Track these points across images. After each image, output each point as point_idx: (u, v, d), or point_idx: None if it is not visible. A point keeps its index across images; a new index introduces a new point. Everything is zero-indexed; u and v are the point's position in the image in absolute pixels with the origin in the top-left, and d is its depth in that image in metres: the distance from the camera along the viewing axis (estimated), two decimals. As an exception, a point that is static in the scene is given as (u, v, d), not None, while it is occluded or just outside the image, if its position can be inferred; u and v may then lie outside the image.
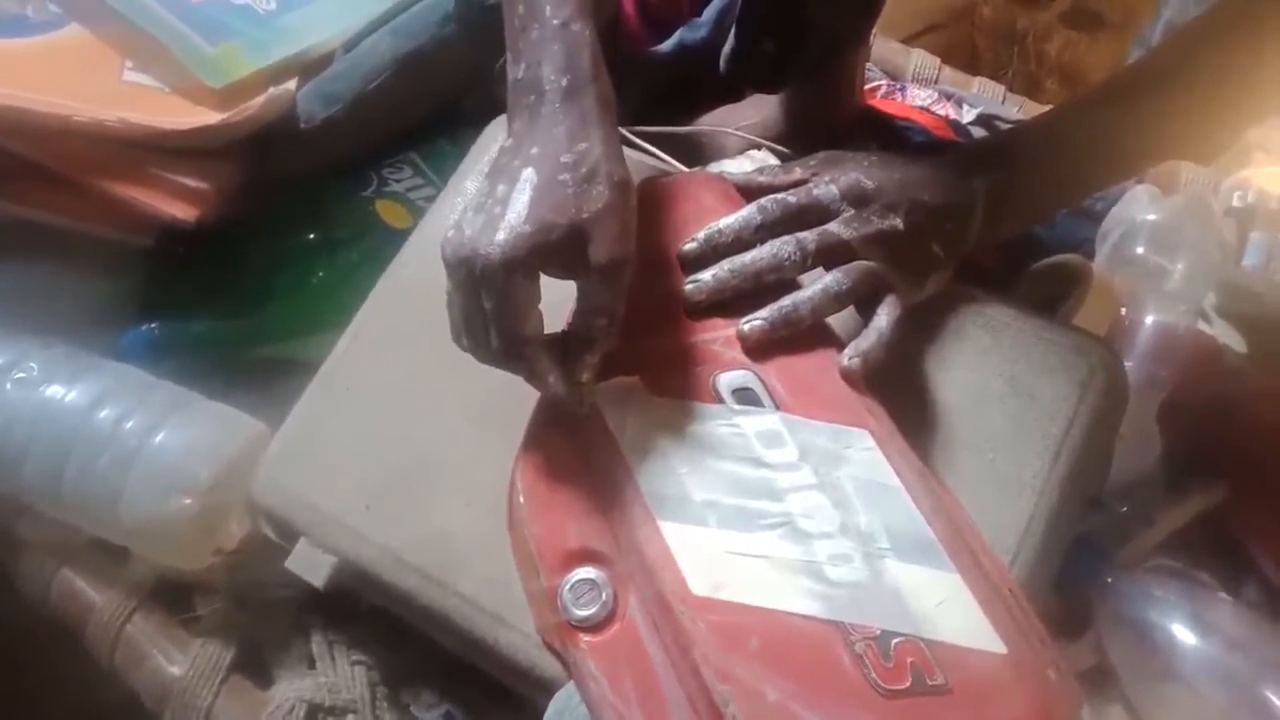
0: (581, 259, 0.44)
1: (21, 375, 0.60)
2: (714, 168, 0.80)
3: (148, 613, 0.62)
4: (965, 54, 1.49)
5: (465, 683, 0.59)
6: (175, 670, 0.60)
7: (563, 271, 0.45)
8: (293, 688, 0.60)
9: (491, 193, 0.45)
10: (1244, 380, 0.70)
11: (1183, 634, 0.55)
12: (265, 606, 0.63)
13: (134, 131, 0.63)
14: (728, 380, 0.49)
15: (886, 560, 0.44)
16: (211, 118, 0.64)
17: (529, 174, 0.44)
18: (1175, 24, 0.48)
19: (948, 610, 0.43)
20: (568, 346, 0.47)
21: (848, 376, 0.50)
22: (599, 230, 0.44)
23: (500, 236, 0.43)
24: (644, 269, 0.53)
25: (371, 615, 0.60)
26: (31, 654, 0.70)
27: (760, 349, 0.50)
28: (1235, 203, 0.81)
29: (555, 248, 0.43)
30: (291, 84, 0.69)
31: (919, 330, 0.55)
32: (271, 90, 0.67)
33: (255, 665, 0.62)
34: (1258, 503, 0.62)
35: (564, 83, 0.46)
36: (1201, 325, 0.75)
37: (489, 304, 0.44)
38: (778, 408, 0.48)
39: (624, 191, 0.45)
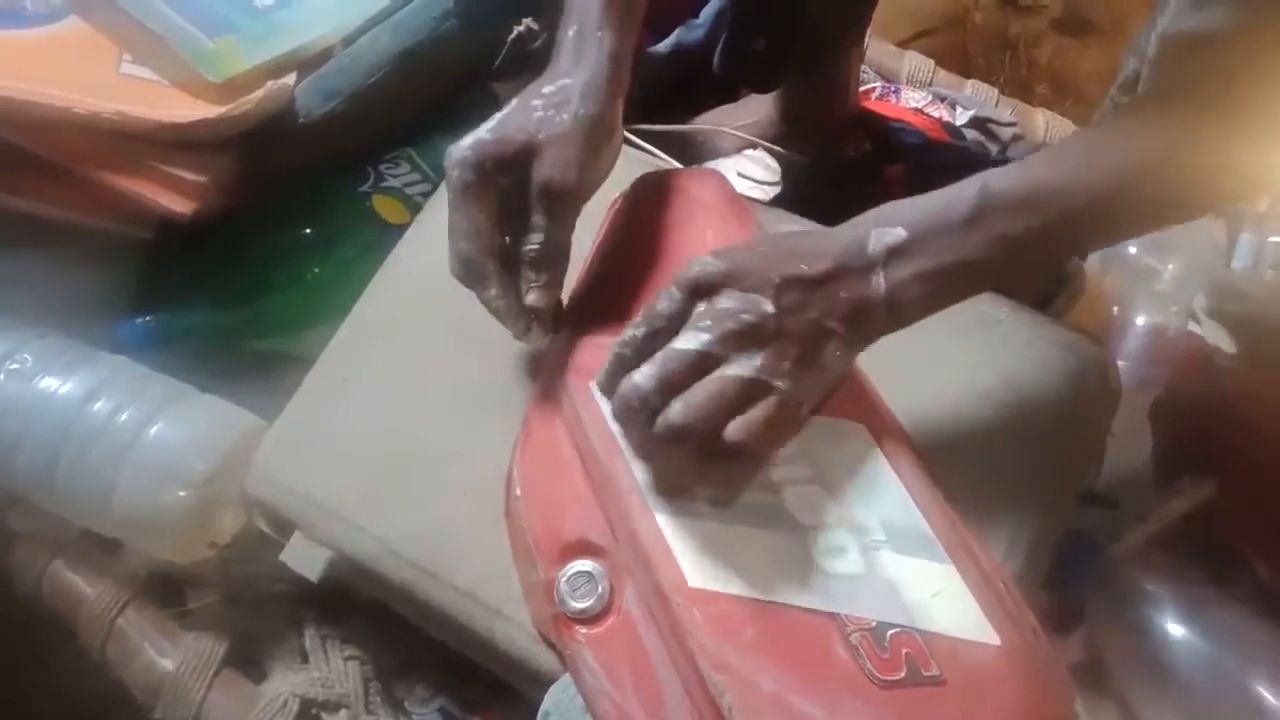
0: (528, 177, 0.48)
1: (16, 366, 0.60)
2: (710, 166, 0.81)
3: (140, 606, 0.62)
4: (957, 60, 1.49)
5: (459, 677, 0.59)
6: (167, 664, 0.60)
7: (513, 187, 0.48)
8: (286, 682, 0.60)
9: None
10: (1233, 380, 0.71)
11: (1173, 629, 0.55)
12: (258, 601, 0.63)
13: (132, 124, 0.63)
14: (725, 374, 0.49)
15: (882, 552, 0.45)
16: (210, 111, 0.64)
17: (514, 101, 0.50)
18: (1168, 32, 0.47)
19: (943, 602, 0.44)
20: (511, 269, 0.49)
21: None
22: (549, 152, 0.47)
23: (466, 142, 0.48)
24: (639, 261, 0.54)
25: (365, 610, 0.60)
26: (23, 647, 0.70)
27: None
28: (1225, 205, 0.82)
29: (508, 160, 0.47)
30: (290, 79, 0.69)
31: (914, 326, 0.55)
32: (270, 85, 0.67)
33: (248, 659, 0.61)
34: (1247, 500, 0.63)
35: (570, 33, 0.50)
36: (1191, 326, 0.75)
37: (450, 210, 0.48)
38: (775, 400, 0.49)
39: (588, 125, 0.48)
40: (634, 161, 0.64)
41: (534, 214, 0.48)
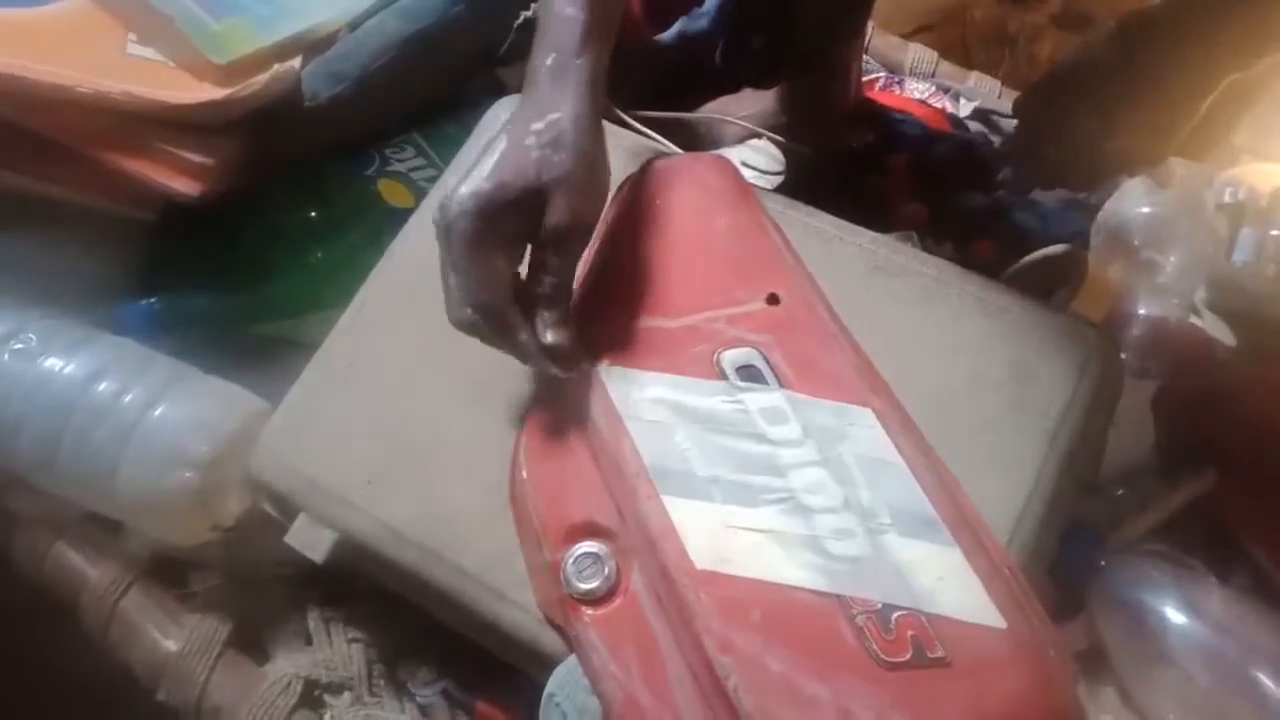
0: (537, 221, 0.47)
1: (20, 346, 0.60)
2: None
3: (143, 588, 0.62)
4: (957, 55, 1.49)
5: (462, 659, 0.59)
6: (171, 645, 0.60)
7: (521, 231, 0.47)
8: (289, 664, 0.60)
9: (473, 162, 0.48)
10: (1233, 372, 0.71)
11: (1174, 617, 0.55)
12: (262, 583, 0.63)
13: (138, 105, 0.62)
14: (732, 358, 0.50)
15: (888, 535, 0.45)
16: (216, 93, 0.64)
17: (501, 141, 0.47)
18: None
19: (948, 585, 0.44)
20: (527, 310, 0.48)
21: None
22: (558, 195, 0.47)
23: (462, 190, 0.46)
24: (646, 246, 0.54)
25: (369, 592, 0.60)
26: (25, 630, 0.70)
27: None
28: (1227, 199, 0.82)
29: (512, 206, 0.46)
30: (296, 61, 0.69)
31: (920, 314, 0.55)
32: (276, 67, 0.67)
33: (251, 641, 0.61)
34: (1246, 490, 0.63)
35: (548, 61, 0.49)
36: (1193, 319, 0.75)
37: (450, 259, 0.47)
38: (781, 385, 0.49)
39: (588, 161, 0.47)
40: (639, 147, 0.64)
41: (547, 255, 0.48)
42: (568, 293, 0.49)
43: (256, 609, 0.62)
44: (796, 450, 0.47)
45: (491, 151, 0.47)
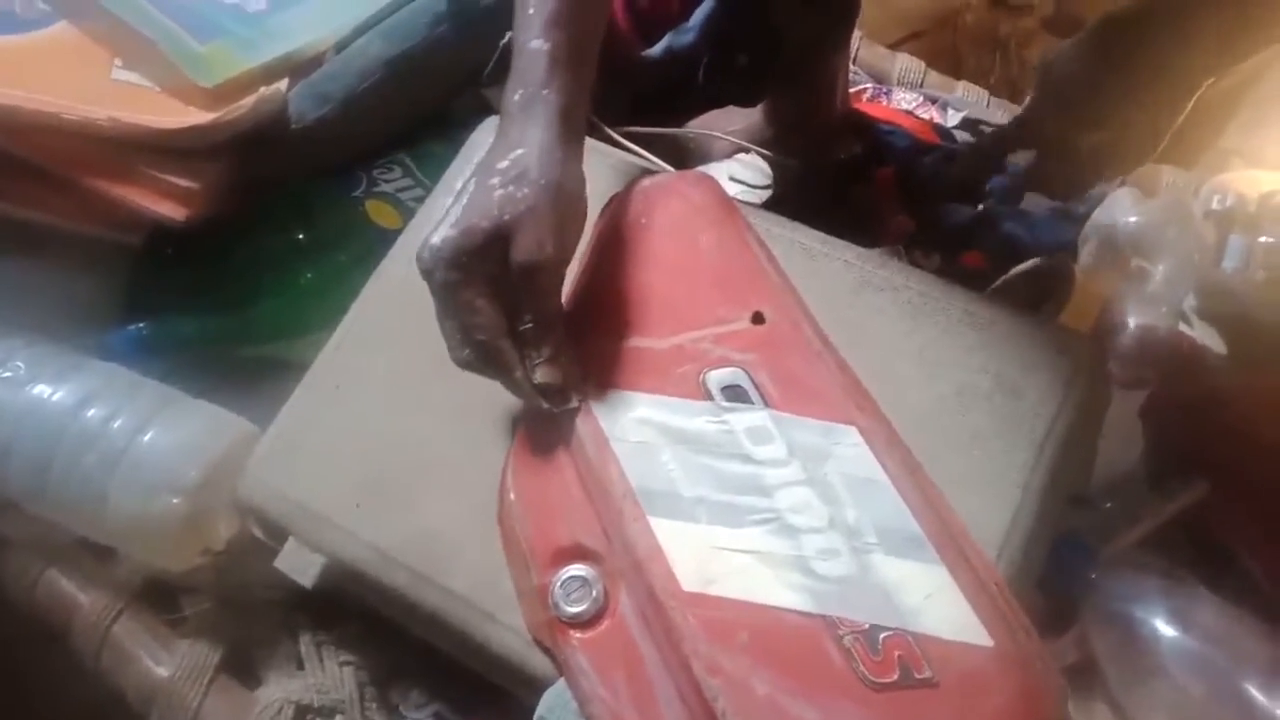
0: (506, 258, 0.46)
1: (8, 374, 0.60)
2: (702, 170, 0.81)
3: (134, 613, 0.62)
4: (948, 61, 1.49)
5: (454, 682, 0.58)
6: (163, 671, 0.60)
7: (498, 271, 0.47)
8: (281, 688, 0.60)
9: (445, 207, 0.48)
10: (1223, 379, 0.71)
11: (1165, 629, 0.55)
12: (253, 607, 0.63)
13: (124, 130, 0.62)
14: (717, 378, 0.50)
15: (874, 555, 0.45)
16: (202, 117, 0.64)
17: (470, 183, 0.47)
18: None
19: (935, 604, 0.44)
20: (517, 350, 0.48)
21: None
22: (519, 231, 0.46)
23: (434, 240, 0.46)
24: (631, 265, 0.54)
25: (359, 615, 0.60)
26: (16, 655, 0.70)
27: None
28: (1215, 205, 0.82)
29: (481, 249, 0.46)
30: (282, 84, 0.69)
31: (906, 329, 0.55)
32: (262, 90, 0.67)
33: (243, 666, 0.61)
34: (1237, 498, 0.63)
35: (517, 97, 0.49)
36: (1182, 327, 0.75)
37: (437, 307, 0.47)
38: (766, 404, 0.49)
39: (552, 193, 0.47)
40: (626, 165, 0.64)
41: (520, 293, 0.47)
42: (553, 328, 0.48)
43: (248, 633, 0.62)
44: (782, 470, 0.47)
45: (461, 196, 0.47)
